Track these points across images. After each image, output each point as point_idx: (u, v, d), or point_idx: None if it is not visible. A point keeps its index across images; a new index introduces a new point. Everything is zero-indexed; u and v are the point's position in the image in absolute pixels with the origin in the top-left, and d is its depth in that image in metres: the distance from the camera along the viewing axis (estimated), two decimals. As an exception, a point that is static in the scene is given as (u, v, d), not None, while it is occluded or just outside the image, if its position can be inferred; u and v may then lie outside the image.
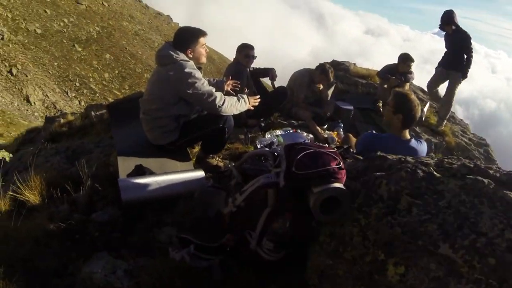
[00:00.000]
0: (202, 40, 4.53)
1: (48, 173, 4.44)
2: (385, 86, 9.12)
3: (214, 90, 4.34)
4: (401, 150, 3.97)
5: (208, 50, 4.71)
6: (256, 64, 7.15)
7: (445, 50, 9.13)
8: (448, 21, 8.58)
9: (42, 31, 43.37)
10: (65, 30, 45.28)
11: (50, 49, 42.60)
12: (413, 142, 4.28)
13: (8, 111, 38.17)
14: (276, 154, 2.89)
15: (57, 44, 43.41)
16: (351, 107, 8.13)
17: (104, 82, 44.06)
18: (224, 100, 4.35)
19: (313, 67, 7.35)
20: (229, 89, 5.28)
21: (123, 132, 5.17)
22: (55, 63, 42.04)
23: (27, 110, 40.30)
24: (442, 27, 8.73)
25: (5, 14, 43.37)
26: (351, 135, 5.79)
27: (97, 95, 42.83)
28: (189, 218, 3.46)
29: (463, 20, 8.65)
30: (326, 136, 6.51)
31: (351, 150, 5.16)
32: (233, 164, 4.23)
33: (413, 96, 4.27)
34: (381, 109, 9.11)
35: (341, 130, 7.03)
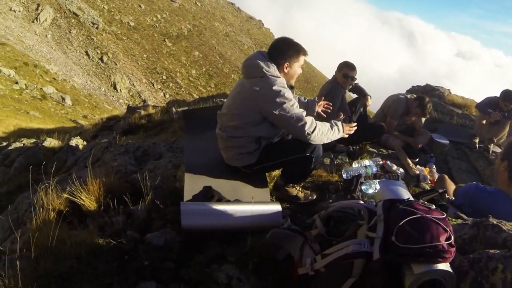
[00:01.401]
0: (302, 58, 3.96)
1: (109, 177, 4.04)
2: (484, 121, 8.21)
3: (304, 113, 3.71)
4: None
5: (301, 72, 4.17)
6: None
7: None
8: None
9: (135, 24, 44.93)
10: (157, 25, 46.76)
11: (141, 42, 44.03)
12: None
13: (95, 95, 39.83)
14: (372, 210, 2.30)
15: (148, 37, 44.78)
16: (447, 141, 7.34)
17: (191, 78, 44.87)
18: (315, 127, 3.70)
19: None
20: (320, 110, 4.67)
21: (196, 145, 4.64)
22: (145, 55, 43.34)
23: (113, 96, 41.88)
24: None
25: (102, 5, 45.38)
26: (446, 177, 5.09)
27: (182, 89, 43.68)
28: (254, 259, 2.93)
29: None
30: (418, 172, 5.80)
31: (447, 197, 4.50)
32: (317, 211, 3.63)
33: None
34: (477, 145, 8.24)
35: (434, 167, 6.28)
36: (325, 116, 4.64)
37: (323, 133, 3.79)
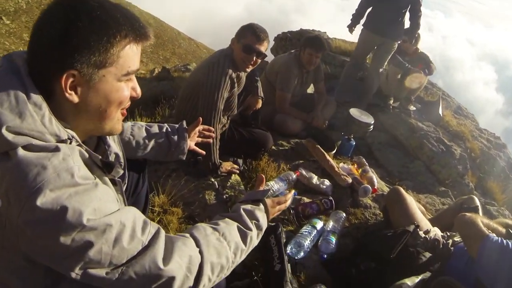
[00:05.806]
0: (128, 47, 1.21)
1: None
2: (399, 76, 6.28)
3: (160, 262, 1.19)
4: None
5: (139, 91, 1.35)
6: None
7: None
8: None
9: (-37, 2, 39.37)
10: (-10, 2, 41.56)
11: (-27, 23, 38.71)
12: None
13: None
14: None
15: (-19, 17, 39.52)
16: (371, 120, 5.24)
17: (36, 56, 40.62)
18: (202, 268, 1.32)
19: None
20: (193, 146, 2.34)
21: None
22: (-19, 38, 38.19)
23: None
24: None
25: None
26: (401, 191, 3.09)
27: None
28: None
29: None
30: (350, 180, 3.62)
31: (424, 236, 2.58)
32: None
33: None
34: (391, 107, 6.42)
35: (363, 159, 4.19)
36: (204, 153, 2.49)
37: (222, 266, 1.42)
